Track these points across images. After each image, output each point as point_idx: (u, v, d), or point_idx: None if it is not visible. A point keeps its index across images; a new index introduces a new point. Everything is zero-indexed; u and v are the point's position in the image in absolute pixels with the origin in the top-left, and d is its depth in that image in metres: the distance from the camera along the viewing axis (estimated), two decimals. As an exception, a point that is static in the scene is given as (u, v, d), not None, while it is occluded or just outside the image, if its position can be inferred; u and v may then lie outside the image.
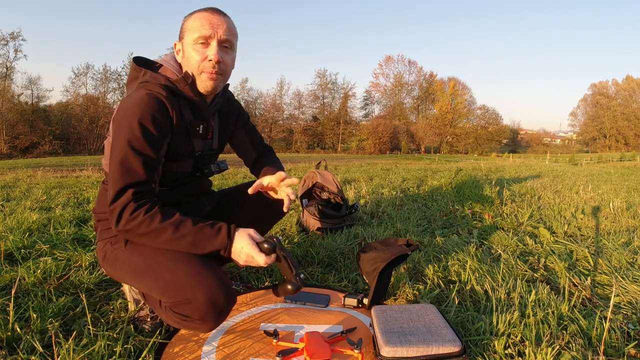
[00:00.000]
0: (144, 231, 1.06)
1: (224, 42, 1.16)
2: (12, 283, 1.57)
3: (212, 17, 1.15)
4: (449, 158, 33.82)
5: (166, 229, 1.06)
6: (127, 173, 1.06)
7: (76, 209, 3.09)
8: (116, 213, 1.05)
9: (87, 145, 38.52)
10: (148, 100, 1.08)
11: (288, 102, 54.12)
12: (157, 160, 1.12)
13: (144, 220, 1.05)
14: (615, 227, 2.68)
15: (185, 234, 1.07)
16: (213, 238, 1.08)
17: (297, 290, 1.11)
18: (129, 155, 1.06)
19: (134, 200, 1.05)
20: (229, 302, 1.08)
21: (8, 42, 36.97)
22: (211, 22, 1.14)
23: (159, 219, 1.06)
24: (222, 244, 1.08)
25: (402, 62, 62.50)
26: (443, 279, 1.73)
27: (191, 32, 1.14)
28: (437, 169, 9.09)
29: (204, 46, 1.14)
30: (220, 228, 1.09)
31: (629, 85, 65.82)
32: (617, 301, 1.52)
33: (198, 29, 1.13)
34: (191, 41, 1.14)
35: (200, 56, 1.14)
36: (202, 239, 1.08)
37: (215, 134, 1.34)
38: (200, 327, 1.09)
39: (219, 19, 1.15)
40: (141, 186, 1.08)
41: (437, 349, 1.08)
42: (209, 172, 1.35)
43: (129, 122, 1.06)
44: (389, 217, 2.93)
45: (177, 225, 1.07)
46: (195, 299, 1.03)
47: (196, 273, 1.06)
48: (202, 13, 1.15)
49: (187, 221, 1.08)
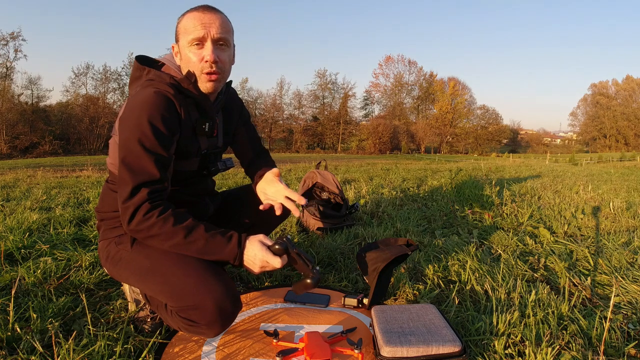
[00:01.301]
0: (156, 232, 1.05)
1: (219, 40, 1.14)
2: (12, 283, 1.57)
3: (203, 16, 1.12)
4: (449, 158, 33.82)
5: (178, 232, 1.05)
6: (140, 172, 1.05)
7: (76, 209, 3.09)
8: (130, 212, 1.04)
9: (87, 145, 38.48)
10: (157, 99, 1.08)
11: (288, 102, 54.14)
12: (169, 158, 1.11)
13: (157, 221, 1.04)
14: (615, 227, 2.68)
15: (196, 239, 1.06)
16: (224, 246, 1.07)
17: (317, 282, 1.10)
18: (140, 155, 1.05)
19: (149, 201, 1.04)
20: (235, 308, 1.08)
21: (8, 42, 36.96)
22: (203, 22, 1.11)
23: (172, 222, 1.05)
24: (233, 252, 1.07)
25: (402, 62, 62.48)
26: (443, 279, 1.73)
27: (185, 34, 1.13)
28: (437, 169, 9.09)
29: (199, 47, 1.13)
30: (231, 236, 1.09)
31: (629, 85, 65.82)
32: (617, 301, 1.52)
33: (191, 30, 1.12)
34: (186, 43, 1.13)
35: (197, 57, 1.13)
36: (213, 246, 1.07)
37: (220, 132, 1.34)
38: (207, 332, 1.08)
39: (211, 17, 1.13)
40: (155, 185, 1.07)
41: (437, 349, 1.08)
42: (215, 170, 1.34)
43: (139, 120, 1.05)
44: (389, 217, 2.93)
45: (189, 230, 1.06)
46: (203, 305, 1.03)
47: (204, 279, 1.05)
48: (194, 13, 1.13)
49: (200, 227, 1.08)
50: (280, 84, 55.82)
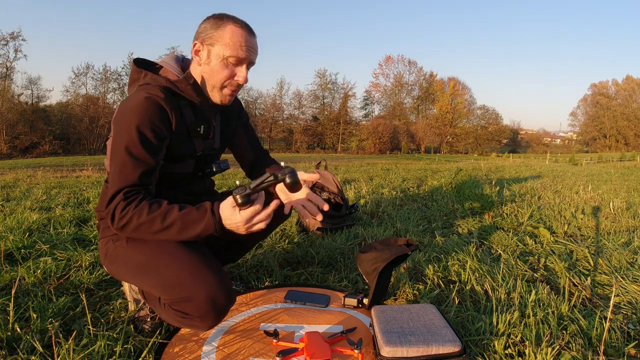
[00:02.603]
0: (135, 225, 1.06)
1: (251, 64, 1.19)
2: (12, 283, 1.57)
3: (249, 38, 1.15)
4: (449, 158, 33.82)
5: (155, 219, 1.06)
6: (124, 177, 1.08)
7: (76, 209, 3.09)
8: (110, 214, 1.08)
9: (87, 145, 38.49)
10: (147, 105, 1.09)
11: (288, 102, 54.14)
12: (155, 165, 1.12)
13: (133, 214, 1.06)
14: (615, 227, 2.68)
15: (174, 221, 1.06)
16: (200, 219, 1.06)
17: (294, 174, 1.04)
18: (126, 161, 1.07)
19: (124, 199, 1.07)
20: (228, 301, 1.08)
21: (8, 42, 36.96)
22: (249, 45, 1.14)
23: (146, 212, 1.06)
24: (210, 222, 1.05)
25: (402, 62, 62.47)
26: (443, 279, 1.73)
27: (225, 47, 1.12)
28: (437, 169, 9.09)
29: (234, 65, 1.15)
30: (205, 208, 1.08)
31: (629, 85, 65.82)
32: (617, 301, 1.52)
33: (235, 48, 1.12)
34: (222, 55, 1.13)
35: (229, 74, 1.16)
36: (189, 222, 1.06)
37: (216, 134, 1.35)
38: (200, 325, 1.09)
39: (254, 42, 1.17)
40: (133, 187, 1.09)
41: (437, 349, 1.08)
42: (210, 172, 1.35)
43: (127, 127, 1.07)
44: (389, 217, 2.93)
45: (164, 214, 1.06)
46: (196, 296, 1.04)
47: (197, 271, 1.06)
48: (239, 30, 1.13)
49: (174, 208, 1.08)
50: (280, 84, 55.93)
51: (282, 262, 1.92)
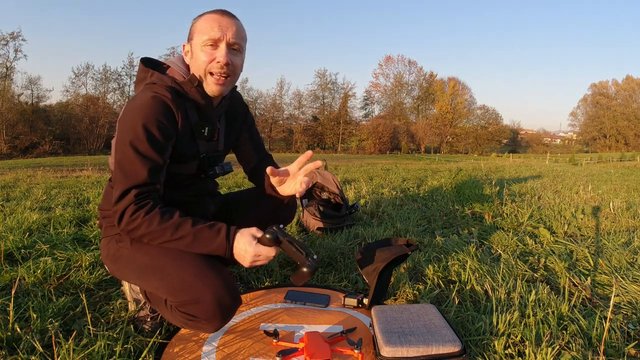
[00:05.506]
0: (144, 232, 1.07)
1: (233, 44, 1.16)
2: (12, 283, 1.57)
3: (221, 19, 1.15)
4: (449, 158, 33.82)
5: (165, 230, 1.07)
6: (131, 175, 1.07)
7: (76, 209, 3.09)
8: (118, 214, 1.07)
9: (87, 145, 38.49)
10: (153, 104, 1.09)
11: (288, 102, 54.22)
12: (162, 163, 1.12)
13: (143, 222, 1.06)
14: (615, 227, 2.68)
15: (184, 236, 1.07)
16: (212, 240, 1.08)
17: (314, 271, 1.08)
18: (133, 158, 1.07)
19: (135, 202, 1.06)
20: (235, 303, 1.09)
21: (8, 42, 37.04)
22: (220, 25, 1.14)
23: (158, 221, 1.06)
24: (221, 246, 1.08)
25: (402, 62, 62.50)
26: (443, 279, 1.73)
27: (200, 34, 1.14)
28: (437, 169, 9.09)
29: (212, 48, 1.14)
30: (219, 229, 1.09)
31: (629, 85, 65.82)
32: (617, 301, 1.52)
33: (207, 31, 1.13)
34: (200, 43, 1.14)
35: (209, 58, 1.14)
36: (200, 240, 1.08)
37: (221, 136, 1.34)
38: (207, 327, 1.10)
39: (229, 22, 1.15)
40: (144, 187, 1.08)
41: (437, 349, 1.08)
42: (213, 174, 1.35)
43: (134, 125, 1.07)
44: (389, 217, 2.93)
45: (176, 227, 1.07)
46: (203, 299, 1.04)
47: (203, 273, 1.06)
48: (212, 15, 1.15)
49: (187, 222, 1.08)
50: (280, 84, 55.99)
51: (282, 262, 1.92)
